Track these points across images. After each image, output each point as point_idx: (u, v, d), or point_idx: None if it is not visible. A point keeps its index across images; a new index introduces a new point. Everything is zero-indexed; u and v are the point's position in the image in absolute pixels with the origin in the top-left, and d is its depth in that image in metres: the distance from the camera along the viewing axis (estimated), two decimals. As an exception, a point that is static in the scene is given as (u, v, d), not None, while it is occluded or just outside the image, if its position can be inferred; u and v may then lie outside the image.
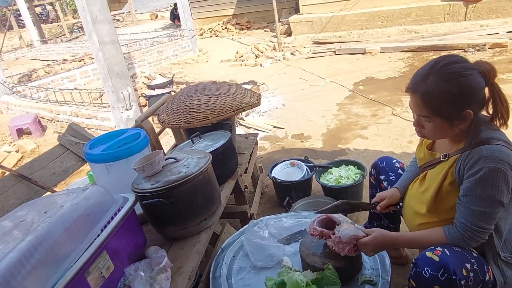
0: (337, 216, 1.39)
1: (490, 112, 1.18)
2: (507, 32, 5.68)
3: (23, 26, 13.63)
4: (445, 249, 1.13)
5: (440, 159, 1.26)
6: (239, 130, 3.80)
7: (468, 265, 1.10)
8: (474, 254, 1.15)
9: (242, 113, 4.06)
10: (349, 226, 1.32)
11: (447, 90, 1.10)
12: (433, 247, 1.16)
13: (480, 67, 1.12)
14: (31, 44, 12.29)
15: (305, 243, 1.44)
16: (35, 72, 7.39)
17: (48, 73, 7.31)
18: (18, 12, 13.08)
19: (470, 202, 1.13)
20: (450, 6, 6.52)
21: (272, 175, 2.50)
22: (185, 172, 1.37)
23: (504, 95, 1.16)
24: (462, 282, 1.07)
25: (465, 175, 1.14)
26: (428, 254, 1.13)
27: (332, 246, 1.32)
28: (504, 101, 1.16)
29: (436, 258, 1.10)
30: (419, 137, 1.39)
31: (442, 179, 1.23)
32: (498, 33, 5.69)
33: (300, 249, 1.43)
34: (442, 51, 5.45)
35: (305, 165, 2.53)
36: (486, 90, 1.15)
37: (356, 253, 1.30)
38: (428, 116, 1.16)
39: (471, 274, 1.09)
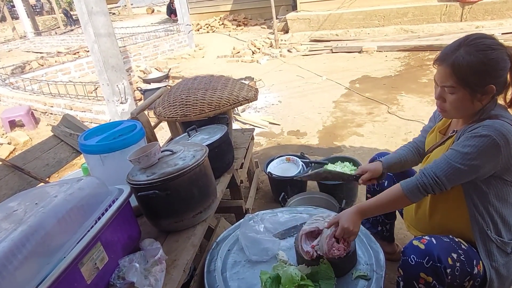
0: (319, 223, 1.37)
1: (508, 98, 1.19)
2: (502, 33, 5.73)
3: (17, 18, 13.44)
4: (432, 238, 1.15)
5: (449, 135, 1.28)
6: (235, 126, 3.79)
7: (454, 255, 1.11)
8: (463, 246, 1.16)
9: (238, 108, 4.05)
10: (325, 234, 1.29)
11: (477, 59, 1.11)
12: (420, 236, 1.18)
13: (508, 49, 1.15)
14: (25, 36, 12.13)
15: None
16: (29, 64, 7.29)
17: (42, 65, 7.21)
18: (11, 3, 12.89)
19: (447, 153, 1.15)
20: (446, 7, 6.55)
21: (267, 171, 2.49)
22: (181, 165, 1.35)
23: None
24: (448, 270, 1.08)
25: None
26: (415, 242, 1.15)
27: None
28: None
29: (422, 246, 1.12)
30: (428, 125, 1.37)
31: (446, 150, 1.23)
32: (493, 35, 5.72)
33: (295, 243, 1.42)
34: (438, 51, 5.46)
35: (301, 161, 2.53)
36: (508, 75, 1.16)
37: (345, 245, 1.27)
38: (453, 86, 1.16)
39: (458, 264, 1.10)
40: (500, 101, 1.22)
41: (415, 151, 1.55)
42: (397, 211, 1.69)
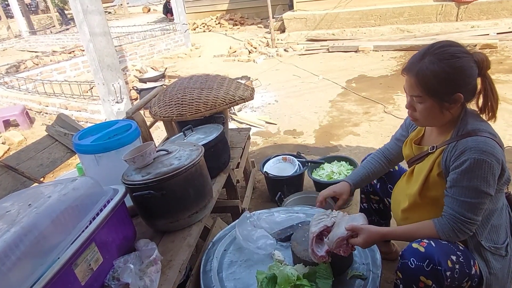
0: (329, 220, 1.35)
1: (480, 104, 1.19)
2: (497, 33, 5.77)
3: (12, 17, 13.32)
4: (431, 241, 1.14)
5: (427, 151, 1.27)
6: (231, 125, 3.78)
7: (453, 257, 1.11)
8: (461, 247, 1.16)
9: (235, 108, 4.04)
10: (337, 228, 1.28)
11: (441, 69, 1.11)
12: (419, 239, 1.17)
13: (475, 55, 1.14)
14: (20, 35, 12.03)
15: (296, 238, 1.44)
16: (24, 63, 7.23)
17: (37, 64, 7.16)
18: (6, 2, 12.78)
19: (457, 193, 1.14)
20: (442, 7, 6.58)
21: (264, 170, 2.49)
22: (177, 164, 1.34)
23: (495, 87, 1.17)
24: (448, 273, 1.08)
25: (451, 166, 1.15)
26: (414, 245, 1.14)
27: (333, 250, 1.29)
28: (495, 92, 1.17)
29: (422, 249, 1.11)
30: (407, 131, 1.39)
31: (429, 170, 1.24)
32: (488, 34, 5.77)
33: (292, 244, 1.42)
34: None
35: (297, 160, 2.53)
36: (478, 81, 1.16)
37: (353, 249, 1.27)
38: (420, 96, 1.16)
39: (457, 266, 1.10)
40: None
41: (384, 160, 1.54)
42: (391, 212, 1.69)
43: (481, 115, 1.21)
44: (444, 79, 1.11)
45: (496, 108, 1.19)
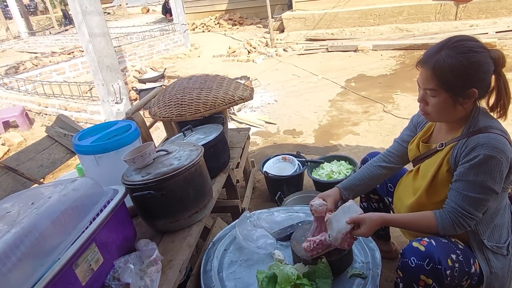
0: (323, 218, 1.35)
1: (491, 102, 1.19)
2: (496, 32, 5.77)
3: (10, 18, 13.33)
4: (432, 240, 1.14)
5: (435, 149, 1.27)
6: (231, 125, 3.78)
7: (453, 256, 1.11)
8: (460, 246, 1.17)
9: (234, 108, 4.05)
10: (336, 223, 1.28)
11: (458, 62, 1.09)
12: (419, 237, 1.17)
13: (492, 52, 1.13)
14: (19, 36, 12.04)
15: (296, 237, 1.44)
16: (23, 64, 7.23)
17: (36, 65, 7.15)
18: (5, 3, 12.78)
19: (461, 187, 1.14)
20: (441, 6, 6.59)
21: (264, 170, 2.49)
22: (177, 164, 1.35)
23: (508, 85, 1.16)
24: (448, 272, 1.08)
25: (461, 161, 1.15)
26: (415, 244, 1.14)
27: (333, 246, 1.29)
28: (508, 90, 1.16)
29: (422, 248, 1.11)
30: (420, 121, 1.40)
31: (438, 167, 1.23)
32: (487, 33, 5.77)
33: (292, 243, 1.42)
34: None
35: (297, 160, 2.53)
36: (492, 78, 1.15)
37: (355, 240, 1.28)
38: (434, 89, 1.14)
39: (457, 265, 1.10)
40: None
41: (384, 165, 1.49)
42: (391, 212, 1.69)
43: (491, 113, 1.20)
44: (460, 72, 1.10)
45: (508, 106, 1.18)
